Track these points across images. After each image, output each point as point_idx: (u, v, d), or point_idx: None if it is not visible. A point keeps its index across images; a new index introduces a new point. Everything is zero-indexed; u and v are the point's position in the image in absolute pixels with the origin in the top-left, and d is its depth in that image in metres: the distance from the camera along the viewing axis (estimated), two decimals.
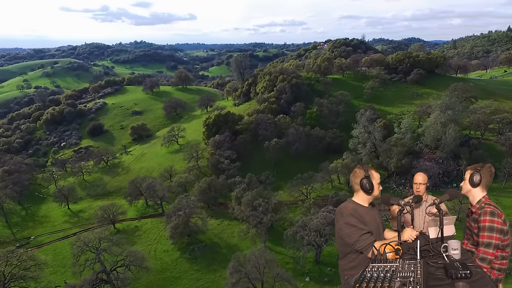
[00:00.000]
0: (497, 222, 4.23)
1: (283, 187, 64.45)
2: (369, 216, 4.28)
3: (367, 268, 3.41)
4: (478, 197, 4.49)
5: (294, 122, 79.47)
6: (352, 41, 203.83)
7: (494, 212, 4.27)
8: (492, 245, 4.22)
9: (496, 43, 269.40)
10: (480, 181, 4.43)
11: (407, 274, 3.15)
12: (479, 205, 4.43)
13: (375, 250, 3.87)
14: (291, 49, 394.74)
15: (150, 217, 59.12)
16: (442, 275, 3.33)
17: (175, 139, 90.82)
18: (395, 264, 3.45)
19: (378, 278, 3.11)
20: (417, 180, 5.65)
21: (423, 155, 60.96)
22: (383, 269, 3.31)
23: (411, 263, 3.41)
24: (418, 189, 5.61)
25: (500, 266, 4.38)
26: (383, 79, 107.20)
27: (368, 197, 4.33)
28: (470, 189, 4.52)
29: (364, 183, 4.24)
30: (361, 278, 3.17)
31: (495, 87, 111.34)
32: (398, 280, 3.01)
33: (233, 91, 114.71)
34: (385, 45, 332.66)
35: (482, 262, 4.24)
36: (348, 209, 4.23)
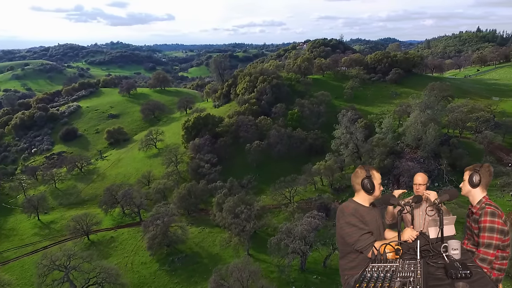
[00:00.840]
0: (498, 222, 4.22)
1: (266, 190, 63.00)
2: (370, 216, 4.27)
3: (367, 268, 3.39)
4: (478, 198, 4.46)
5: (275, 124, 78.19)
6: (330, 41, 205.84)
7: (494, 213, 4.25)
8: (493, 245, 4.22)
9: (467, 43, 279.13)
10: (480, 181, 4.42)
11: (407, 274, 3.14)
12: (479, 206, 4.41)
13: (375, 250, 3.86)
14: (270, 50, 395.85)
15: (127, 227, 56.20)
16: (442, 275, 3.32)
17: (153, 143, 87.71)
18: (395, 264, 3.45)
19: (378, 278, 3.09)
20: (416, 181, 5.59)
21: (405, 155, 60.98)
22: (383, 269, 3.30)
23: (411, 263, 3.42)
24: (418, 189, 5.54)
25: (500, 266, 4.35)
26: (363, 79, 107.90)
27: (369, 197, 4.33)
28: (470, 189, 4.51)
29: (365, 183, 4.25)
30: (361, 278, 3.15)
31: (470, 86, 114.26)
32: (398, 280, 3.00)
33: (213, 93, 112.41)
34: (363, 45, 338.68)
35: (482, 262, 4.23)
36: (349, 209, 4.25)
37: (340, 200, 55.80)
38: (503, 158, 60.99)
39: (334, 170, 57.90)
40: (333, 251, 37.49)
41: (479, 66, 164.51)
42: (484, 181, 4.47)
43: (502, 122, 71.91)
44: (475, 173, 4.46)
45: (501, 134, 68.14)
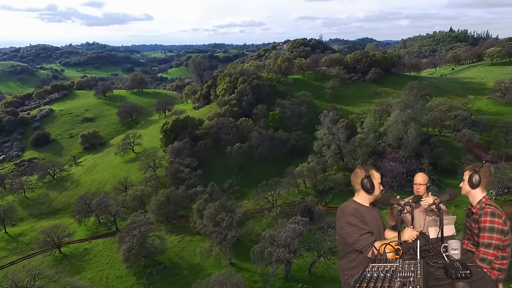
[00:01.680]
0: (498, 222, 4.21)
1: (248, 194, 61.37)
2: (370, 216, 4.29)
3: (367, 268, 3.38)
4: (478, 198, 4.44)
5: (256, 125, 76.71)
6: (310, 41, 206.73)
7: (494, 213, 4.24)
8: (493, 245, 4.21)
9: (440, 42, 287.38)
10: (480, 181, 4.40)
11: (407, 274, 3.13)
12: (479, 206, 4.39)
13: (375, 250, 3.84)
14: (251, 50, 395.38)
15: (102, 237, 53.24)
16: (442, 275, 3.31)
17: (131, 147, 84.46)
18: (395, 264, 3.43)
19: (378, 278, 3.09)
20: (417, 181, 5.58)
21: (387, 155, 60.81)
22: (383, 269, 3.29)
23: (411, 263, 3.40)
24: (418, 189, 5.53)
25: (500, 266, 4.33)
26: (343, 78, 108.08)
27: (369, 196, 4.35)
28: (470, 190, 4.48)
29: (365, 183, 4.27)
30: (361, 278, 3.14)
31: (446, 85, 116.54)
32: (398, 280, 3.00)
33: (192, 94, 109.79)
34: (341, 45, 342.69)
35: (482, 262, 4.22)
36: (349, 209, 4.26)
37: (323, 202, 54.93)
38: (481, 156, 61.78)
39: (317, 171, 56.97)
40: (318, 258, 36.34)
41: (454, 65, 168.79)
42: (484, 181, 4.44)
43: (479, 120, 73.19)
44: (475, 174, 4.42)
45: (478, 132, 69.25)
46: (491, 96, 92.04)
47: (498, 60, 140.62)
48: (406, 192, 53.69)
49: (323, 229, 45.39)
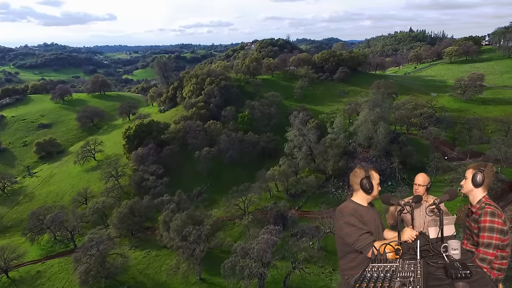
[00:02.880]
0: (498, 222, 4.20)
1: (219, 200, 58.70)
2: (369, 216, 4.29)
3: (367, 268, 3.37)
4: (479, 197, 4.42)
5: (225, 128, 74.05)
6: (278, 41, 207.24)
7: (494, 213, 4.23)
8: (492, 245, 4.21)
9: (401, 42, 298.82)
10: (483, 181, 4.36)
11: (407, 274, 3.13)
12: (479, 205, 4.39)
13: (375, 250, 3.82)
14: (219, 50, 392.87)
15: (58, 256, 48.45)
16: (442, 275, 3.31)
17: (92, 155, 78.94)
18: (395, 264, 3.42)
19: (378, 278, 3.09)
20: (417, 181, 5.55)
21: (358, 155, 60.41)
22: (383, 269, 3.28)
23: (411, 263, 3.39)
24: (417, 190, 5.50)
25: (500, 266, 4.34)
26: (311, 78, 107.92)
27: (368, 197, 4.40)
28: (472, 188, 4.44)
29: (364, 183, 4.31)
30: (361, 278, 3.14)
31: (410, 83, 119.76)
32: (398, 280, 2.99)
33: (158, 96, 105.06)
34: (308, 44, 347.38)
35: (482, 262, 4.21)
36: (348, 209, 4.26)
37: (296, 206, 53.39)
38: (447, 153, 63.03)
39: (289, 175, 55.36)
40: (293, 270, 34.49)
41: (416, 64, 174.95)
42: (487, 181, 4.41)
43: (443, 118, 74.98)
44: (479, 173, 4.37)
45: (443, 129, 70.80)
46: (452, 93, 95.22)
47: (456, 58, 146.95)
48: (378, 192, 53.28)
49: (296, 236, 43.82)
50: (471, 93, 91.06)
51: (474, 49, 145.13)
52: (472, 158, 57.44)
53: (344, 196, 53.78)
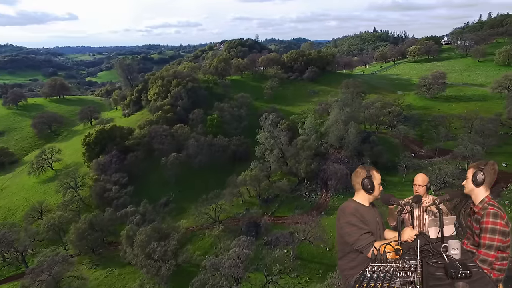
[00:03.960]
0: (500, 224, 4.13)
1: (188, 209, 55.58)
2: (370, 216, 4.28)
3: (367, 268, 3.38)
4: (481, 197, 4.34)
5: (194, 132, 70.91)
6: (247, 41, 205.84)
7: (497, 214, 4.16)
8: (494, 247, 4.17)
9: (366, 42, 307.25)
10: (484, 180, 4.28)
11: (407, 274, 3.13)
12: (482, 205, 4.32)
13: (375, 250, 3.83)
14: (187, 51, 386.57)
15: (7, 281, 43.48)
16: (442, 275, 3.31)
17: (48, 164, 72.97)
18: (395, 264, 3.43)
19: (378, 278, 3.09)
20: (416, 182, 5.52)
21: (330, 156, 59.55)
22: (383, 269, 3.29)
23: (411, 263, 3.40)
24: (417, 190, 5.47)
25: (500, 266, 4.29)
26: (281, 78, 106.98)
27: (369, 196, 4.38)
28: (473, 188, 4.36)
29: (365, 183, 4.32)
30: (361, 278, 3.14)
31: (377, 82, 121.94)
32: (398, 280, 2.99)
33: (121, 100, 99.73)
34: (277, 44, 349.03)
35: (483, 263, 4.16)
36: (349, 208, 4.27)
37: (269, 212, 51.51)
38: (416, 151, 63.72)
39: (261, 179, 53.39)
40: (268, 284, 32.44)
41: (382, 63, 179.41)
42: (488, 180, 4.30)
43: (410, 116, 76.15)
44: (480, 171, 4.28)
45: (411, 127, 71.75)
46: (417, 91, 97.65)
47: (419, 57, 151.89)
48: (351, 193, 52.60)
49: (270, 245, 41.95)
50: (435, 91, 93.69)
51: (435, 48, 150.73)
52: (440, 155, 58.30)
53: (318, 198, 52.66)
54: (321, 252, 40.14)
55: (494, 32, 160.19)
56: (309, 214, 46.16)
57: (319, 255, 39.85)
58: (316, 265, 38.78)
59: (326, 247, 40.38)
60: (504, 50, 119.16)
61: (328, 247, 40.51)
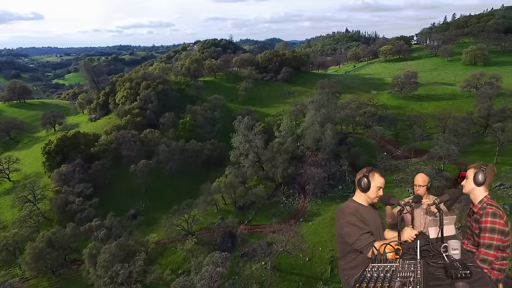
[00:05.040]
0: (499, 223, 4.18)
1: (160, 219, 52.19)
2: (369, 216, 4.28)
3: (367, 268, 3.38)
4: (480, 197, 4.41)
5: (165, 137, 67.37)
6: (221, 42, 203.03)
7: (496, 213, 4.21)
8: (493, 246, 4.19)
9: (339, 42, 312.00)
10: (485, 180, 4.38)
11: (407, 274, 3.13)
12: (481, 205, 4.37)
13: (375, 250, 3.83)
14: (160, 51, 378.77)
15: None
16: (442, 275, 3.31)
17: (5, 175, 67.16)
18: (395, 264, 3.43)
19: (378, 278, 3.09)
20: (417, 182, 5.58)
21: (307, 159, 57.90)
22: (383, 269, 3.29)
23: (411, 263, 3.40)
24: (418, 190, 5.54)
25: (500, 266, 4.30)
26: (255, 78, 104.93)
27: (365, 196, 4.35)
28: (474, 187, 4.46)
29: (360, 180, 4.30)
30: (361, 278, 3.15)
31: (351, 81, 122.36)
32: (398, 280, 2.99)
33: (87, 104, 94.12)
34: (252, 45, 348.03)
35: (483, 263, 4.20)
36: (349, 208, 4.25)
37: (246, 220, 49.07)
38: (392, 151, 63.35)
39: (236, 186, 50.85)
40: None
41: (355, 63, 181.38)
42: (488, 181, 4.41)
43: (385, 116, 76.07)
44: (481, 172, 4.38)
45: (386, 126, 71.59)
46: (391, 91, 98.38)
47: (391, 57, 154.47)
48: (330, 197, 51.30)
49: (247, 256, 39.58)
50: (407, 90, 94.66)
51: (405, 48, 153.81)
52: (416, 155, 58.05)
53: (296, 204, 50.80)
54: (300, 262, 38.17)
55: (460, 32, 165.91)
56: (287, 222, 44.19)
57: (298, 265, 37.86)
58: (296, 276, 36.75)
59: (305, 257, 38.47)
60: (470, 50, 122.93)
61: (307, 257, 38.63)
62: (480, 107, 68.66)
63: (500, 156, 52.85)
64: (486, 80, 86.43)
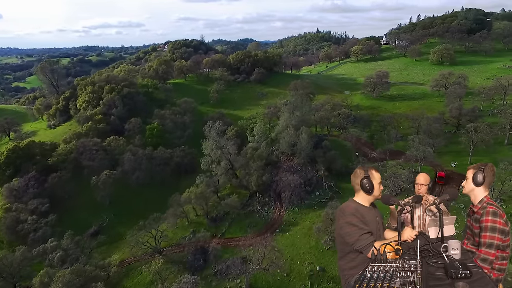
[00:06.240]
0: (499, 222, 4.20)
1: (126, 234, 47.79)
2: (370, 216, 4.25)
3: (367, 268, 3.38)
4: (480, 197, 4.43)
5: (130, 144, 62.87)
6: (192, 42, 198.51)
7: (496, 213, 4.23)
8: (494, 245, 4.19)
9: (311, 42, 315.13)
10: (484, 180, 4.41)
11: (407, 274, 3.12)
12: (481, 205, 4.39)
13: (375, 250, 3.84)
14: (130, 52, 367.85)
15: None
16: (442, 275, 3.31)
17: None
18: (395, 264, 3.43)
19: (378, 278, 3.08)
20: (418, 181, 5.64)
21: (282, 164, 55.51)
22: (383, 269, 3.28)
23: (411, 263, 3.39)
24: (420, 189, 5.59)
25: (500, 266, 4.31)
26: (227, 80, 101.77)
27: (369, 197, 4.31)
28: (474, 188, 4.48)
29: (364, 183, 4.24)
30: (361, 278, 3.14)
31: (324, 82, 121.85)
32: (398, 280, 2.99)
33: (46, 109, 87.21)
34: (224, 45, 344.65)
35: (483, 262, 4.19)
36: (350, 208, 4.22)
37: (219, 233, 45.88)
38: (368, 153, 62.31)
39: (208, 196, 47.57)
40: None
41: (327, 63, 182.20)
42: (488, 181, 4.43)
43: (359, 117, 75.25)
44: (480, 172, 4.41)
45: (360, 128, 70.69)
46: (363, 91, 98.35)
47: (362, 57, 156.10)
48: (307, 205, 49.14)
49: (221, 274, 36.50)
50: (380, 90, 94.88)
51: (376, 48, 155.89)
52: (392, 157, 57.19)
53: (272, 213, 48.23)
54: (278, 279, 35.59)
55: (426, 32, 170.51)
56: (263, 233, 41.57)
57: (276, 283, 35.26)
58: None
59: (283, 273, 35.93)
60: (437, 50, 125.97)
61: (285, 272, 36.12)
62: (451, 107, 69.18)
63: (474, 156, 52.88)
64: (454, 80, 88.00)
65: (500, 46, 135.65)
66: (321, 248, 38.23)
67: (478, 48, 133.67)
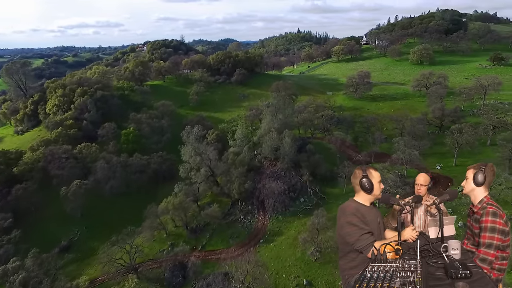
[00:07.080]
0: (499, 223, 4.15)
1: (99, 249, 44.37)
2: (370, 216, 4.21)
3: (367, 268, 3.35)
4: (480, 197, 4.39)
5: (104, 151, 59.14)
6: (172, 42, 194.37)
7: (496, 213, 4.18)
8: (493, 245, 4.15)
9: (292, 42, 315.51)
10: (484, 180, 4.36)
11: (407, 274, 3.10)
12: (481, 205, 4.34)
13: (375, 250, 3.80)
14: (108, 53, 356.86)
15: None
16: (442, 275, 3.28)
17: None
18: (395, 264, 3.40)
19: (378, 278, 3.06)
20: (418, 181, 5.60)
21: (265, 170, 53.27)
22: (383, 269, 3.25)
23: (411, 263, 3.37)
24: (419, 190, 5.56)
25: (500, 266, 4.28)
26: (208, 81, 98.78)
27: (369, 196, 4.28)
28: (474, 188, 4.43)
29: (363, 183, 4.21)
30: (361, 278, 3.12)
31: (306, 82, 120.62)
32: (398, 280, 2.97)
33: (13, 114, 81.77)
34: (205, 45, 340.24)
35: (482, 262, 4.15)
36: (350, 208, 4.18)
37: (199, 245, 43.15)
38: (353, 156, 60.90)
39: (187, 206, 44.74)
40: None
41: (309, 63, 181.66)
42: (488, 181, 4.39)
43: (343, 118, 74.00)
44: (480, 172, 4.36)
45: (344, 129, 69.35)
46: (346, 91, 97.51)
47: (343, 57, 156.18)
48: (291, 212, 47.06)
49: None
50: (362, 90, 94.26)
51: (356, 48, 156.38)
52: (377, 159, 55.92)
53: (255, 222, 45.86)
54: None
55: (405, 32, 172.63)
56: (246, 244, 39.18)
57: None
58: None
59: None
60: (416, 49, 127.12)
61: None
62: (434, 107, 68.86)
63: (459, 158, 52.33)
64: (435, 80, 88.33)
65: (476, 46, 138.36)
66: (307, 260, 36.18)
67: (456, 48, 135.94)
